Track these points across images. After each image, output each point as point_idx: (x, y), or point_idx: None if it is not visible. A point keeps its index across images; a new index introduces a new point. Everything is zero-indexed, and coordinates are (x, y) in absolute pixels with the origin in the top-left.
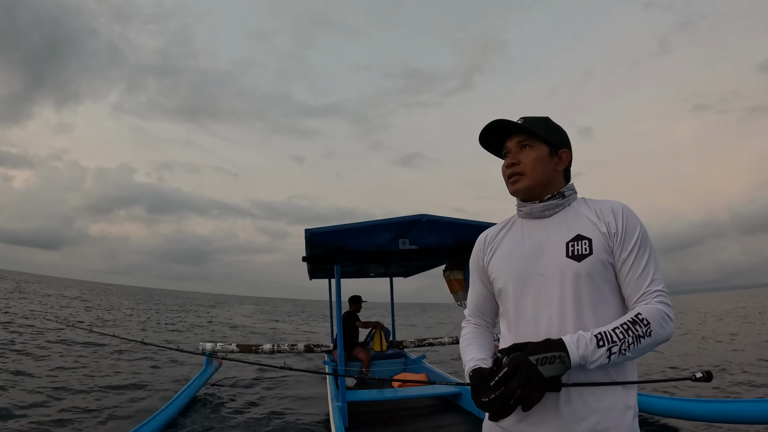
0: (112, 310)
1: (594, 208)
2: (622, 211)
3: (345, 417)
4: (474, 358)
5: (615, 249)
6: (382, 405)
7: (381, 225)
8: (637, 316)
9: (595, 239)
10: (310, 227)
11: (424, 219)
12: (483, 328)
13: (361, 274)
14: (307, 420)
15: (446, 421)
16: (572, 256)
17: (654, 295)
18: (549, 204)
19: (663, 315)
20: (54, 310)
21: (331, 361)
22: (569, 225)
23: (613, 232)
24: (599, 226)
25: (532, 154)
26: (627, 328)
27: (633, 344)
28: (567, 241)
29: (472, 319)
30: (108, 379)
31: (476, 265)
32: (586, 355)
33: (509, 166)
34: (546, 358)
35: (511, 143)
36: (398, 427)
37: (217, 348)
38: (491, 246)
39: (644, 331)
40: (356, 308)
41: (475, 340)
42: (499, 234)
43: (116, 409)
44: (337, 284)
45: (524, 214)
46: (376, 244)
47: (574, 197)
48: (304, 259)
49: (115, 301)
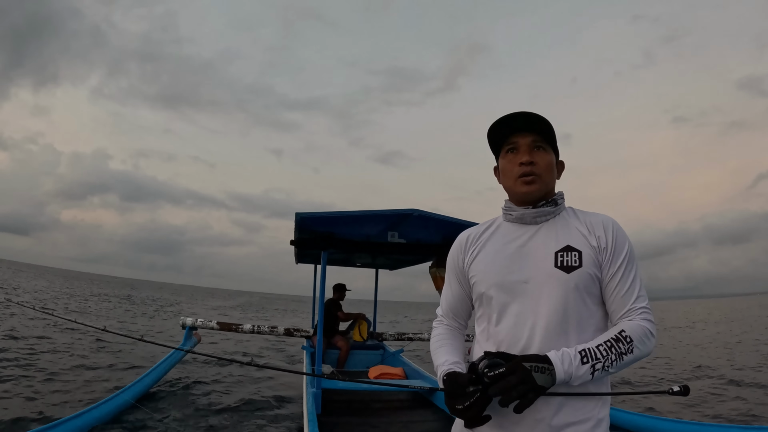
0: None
1: (584, 221)
2: (612, 226)
3: (318, 403)
4: (447, 361)
5: (603, 264)
6: (356, 395)
7: (372, 215)
8: (621, 333)
9: (585, 252)
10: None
11: (416, 214)
12: (455, 329)
13: (347, 262)
14: (280, 404)
15: (419, 417)
16: (561, 266)
17: (638, 312)
18: (542, 210)
19: (646, 332)
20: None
21: (309, 347)
22: (558, 234)
23: (602, 247)
24: (589, 239)
25: (547, 158)
26: (610, 345)
27: (615, 361)
28: (556, 251)
29: (445, 320)
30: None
31: (455, 265)
32: (571, 372)
33: (525, 164)
34: (539, 368)
35: (524, 140)
36: (371, 418)
37: (197, 323)
38: (474, 247)
39: (627, 349)
40: (340, 296)
41: (447, 342)
42: (483, 235)
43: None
44: (323, 271)
45: (514, 218)
46: (365, 234)
47: (563, 206)
48: (292, 242)
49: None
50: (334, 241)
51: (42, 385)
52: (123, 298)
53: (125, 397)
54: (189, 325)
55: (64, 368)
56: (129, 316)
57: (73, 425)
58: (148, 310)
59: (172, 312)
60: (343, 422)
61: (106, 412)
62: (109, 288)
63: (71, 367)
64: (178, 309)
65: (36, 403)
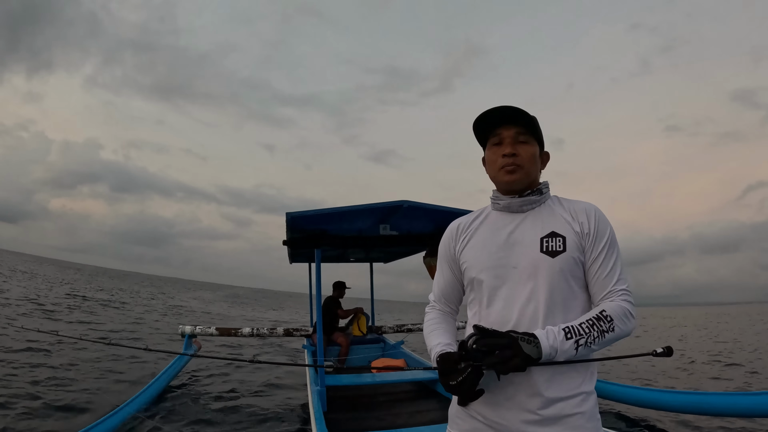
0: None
1: (568, 208)
2: (595, 212)
3: (324, 401)
4: (440, 343)
5: (586, 248)
6: (360, 389)
7: (362, 210)
8: (602, 313)
9: (569, 237)
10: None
11: (405, 205)
12: (447, 314)
13: (341, 258)
14: (285, 404)
15: (423, 406)
16: (546, 251)
17: (619, 293)
18: (527, 200)
19: (626, 312)
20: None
21: (310, 345)
22: (544, 221)
23: (585, 232)
24: (573, 225)
25: (530, 150)
26: (592, 323)
27: (597, 338)
28: (542, 237)
29: (437, 305)
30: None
31: (446, 252)
32: (556, 347)
33: (507, 156)
34: (525, 338)
35: (507, 132)
36: (376, 412)
37: (196, 331)
38: (465, 235)
39: (608, 327)
40: (339, 294)
41: (440, 325)
42: (473, 224)
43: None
44: (317, 268)
45: (501, 207)
46: (357, 229)
47: (548, 195)
48: (285, 242)
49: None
50: (327, 238)
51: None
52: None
53: (129, 411)
54: (188, 333)
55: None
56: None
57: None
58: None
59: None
60: (349, 418)
61: (111, 426)
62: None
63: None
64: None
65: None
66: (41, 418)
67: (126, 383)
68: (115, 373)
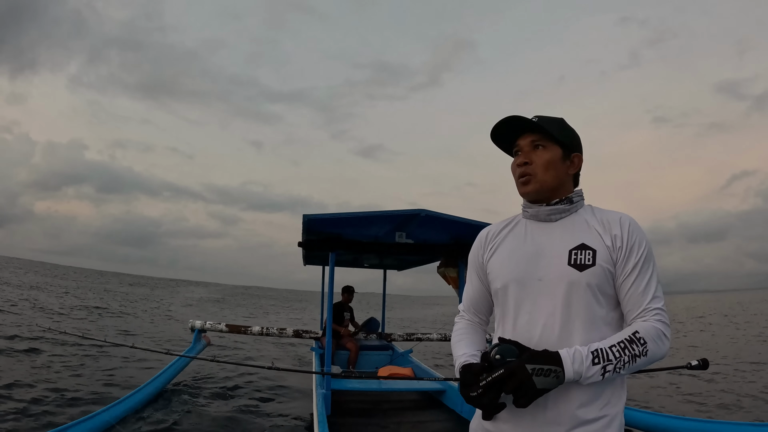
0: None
1: (600, 218)
2: (629, 224)
3: (328, 405)
4: (465, 353)
5: (618, 262)
6: (366, 396)
7: (379, 216)
8: (635, 335)
9: (600, 250)
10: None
11: (423, 214)
12: (476, 324)
13: (355, 264)
14: (289, 405)
15: (429, 417)
16: (574, 264)
17: (653, 313)
18: (556, 208)
19: (660, 334)
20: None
21: (318, 348)
22: (574, 232)
23: (618, 246)
24: (604, 237)
25: (545, 155)
26: (624, 346)
27: (628, 363)
28: (570, 249)
29: (466, 315)
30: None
31: (475, 261)
32: (581, 372)
33: (521, 166)
34: (542, 370)
35: (523, 141)
36: (381, 419)
37: (206, 326)
38: (492, 244)
39: (641, 351)
40: (347, 298)
41: (466, 336)
42: (501, 232)
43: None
44: (331, 272)
45: (529, 215)
46: (373, 235)
47: (582, 204)
48: (300, 244)
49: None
50: (342, 242)
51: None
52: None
53: (125, 407)
54: (198, 327)
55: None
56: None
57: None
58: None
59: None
60: (352, 423)
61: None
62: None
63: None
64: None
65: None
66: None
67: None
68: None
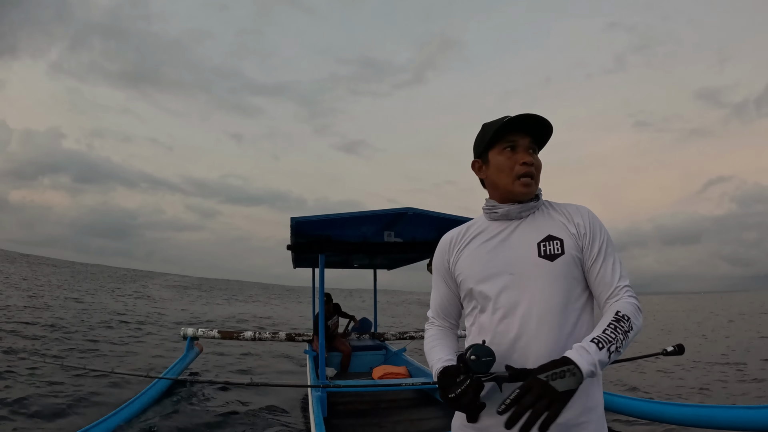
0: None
1: (561, 210)
2: (588, 213)
3: (324, 406)
4: (441, 358)
5: (585, 248)
6: (361, 396)
7: (367, 216)
8: (618, 314)
9: (566, 239)
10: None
11: (410, 212)
12: (447, 329)
13: (345, 264)
14: (285, 407)
15: (424, 414)
16: (544, 255)
17: (624, 291)
18: (527, 206)
19: (635, 308)
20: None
21: (311, 351)
22: (539, 226)
23: (582, 233)
24: (569, 227)
25: (539, 161)
26: (614, 327)
27: (623, 340)
28: (538, 242)
29: (437, 321)
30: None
31: (441, 266)
32: (594, 360)
33: (527, 165)
34: (556, 374)
35: (524, 141)
36: (377, 418)
37: (198, 333)
38: (458, 246)
39: (628, 326)
40: (328, 306)
41: (439, 341)
42: (466, 235)
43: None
44: (321, 274)
45: (499, 215)
46: (362, 236)
47: (542, 200)
48: (289, 247)
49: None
50: (331, 243)
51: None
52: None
53: (125, 415)
54: (190, 335)
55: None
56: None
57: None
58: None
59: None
60: (349, 424)
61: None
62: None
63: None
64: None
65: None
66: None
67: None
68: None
